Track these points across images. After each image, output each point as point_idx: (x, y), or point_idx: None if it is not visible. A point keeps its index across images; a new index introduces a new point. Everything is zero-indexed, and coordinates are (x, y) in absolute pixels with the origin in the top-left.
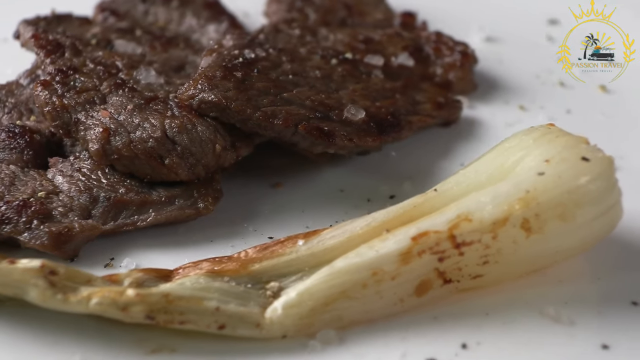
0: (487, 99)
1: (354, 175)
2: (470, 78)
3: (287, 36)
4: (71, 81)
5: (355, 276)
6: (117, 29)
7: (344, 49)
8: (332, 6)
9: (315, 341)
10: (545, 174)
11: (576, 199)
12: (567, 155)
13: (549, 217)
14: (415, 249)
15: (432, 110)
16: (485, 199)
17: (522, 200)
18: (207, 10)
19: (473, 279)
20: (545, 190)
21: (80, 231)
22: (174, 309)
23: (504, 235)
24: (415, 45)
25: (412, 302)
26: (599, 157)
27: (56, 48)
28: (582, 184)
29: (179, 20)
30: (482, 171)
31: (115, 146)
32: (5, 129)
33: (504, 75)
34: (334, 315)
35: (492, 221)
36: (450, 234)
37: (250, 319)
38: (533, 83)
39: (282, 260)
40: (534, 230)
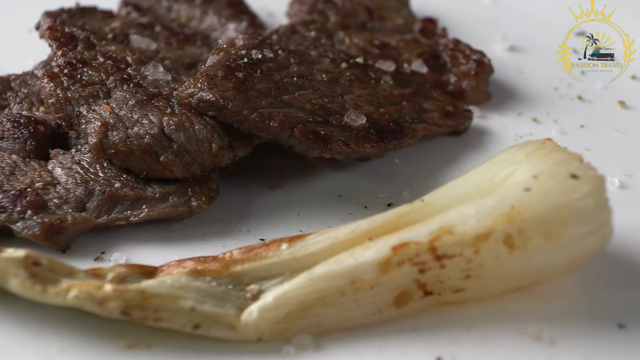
0: (500, 110)
1: (354, 181)
2: (484, 88)
3: (302, 38)
4: (78, 74)
5: (334, 283)
6: (137, 23)
7: (357, 53)
8: (353, 10)
9: (291, 346)
10: (532, 190)
11: (562, 217)
12: (557, 172)
13: (533, 234)
14: (395, 259)
15: (439, 119)
16: (469, 212)
17: (506, 215)
18: (230, 8)
19: (455, 292)
20: (531, 206)
21: (72, 223)
22: (149, 306)
23: (486, 250)
24: (432, 52)
25: (391, 313)
26: (589, 176)
27: (69, 41)
28: (569, 202)
29: (201, 18)
30: (471, 183)
31: (112, 141)
32: (11, 118)
33: (522, 86)
34: (311, 321)
35: (474, 235)
36: (431, 245)
37: (225, 320)
38: (550, 95)
39: (264, 263)
40: (517, 246)
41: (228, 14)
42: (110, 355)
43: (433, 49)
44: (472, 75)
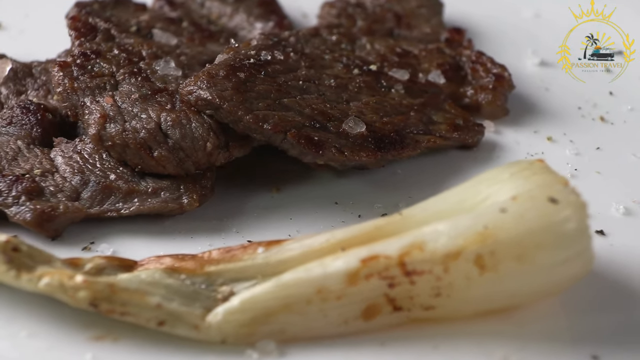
0: (516, 126)
1: (353, 189)
2: (500, 102)
3: (321, 41)
4: (89, 65)
5: (300, 291)
6: (165, 18)
7: (375, 59)
8: (382, 16)
9: (254, 351)
10: (507, 212)
11: (537, 242)
12: (536, 195)
13: (505, 256)
14: (363, 271)
15: (447, 132)
16: (442, 230)
17: (479, 235)
18: (260, 7)
19: (425, 309)
20: (505, 228)
21: (63, 212)
22: (117, 300)
23: (456, 270)
24: (452, 64)
25: (358, 325)
26: (569, 201)
27: (89, 31)
28: (545, 227)
29: (231, 15)
30: (452, 201)
31: (109, 133)
32: (22, 104)
33: (544, 104)
34: (276, 327)
35: (444, 253)
36: (401, 261)
37: (189, 319)
38: (572, 115)
39: (239, 265)
40: (489, 268)
41: (258, 13)
42: (78, 344)
43: (455, 60)
44: (489, 89)
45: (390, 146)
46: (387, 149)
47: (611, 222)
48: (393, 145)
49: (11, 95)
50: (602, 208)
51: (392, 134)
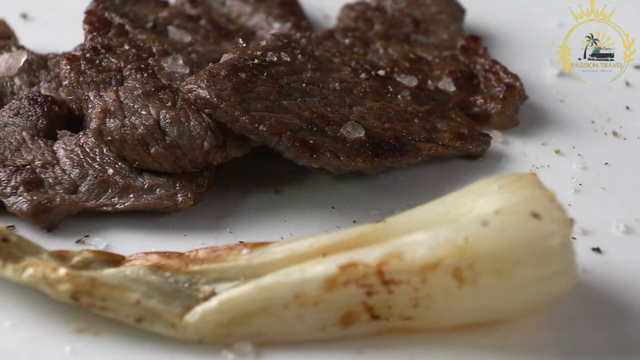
0: (525, 137)
1: (352, 194)
2: (510, 113)
3: (333, 44)
4: (98, 59)
5: (278, 295)
6: (184, 15)
7: (385, 64)
8: (400, 20)
9: (230, 352)
10: (489, 225)
11: (516, 257)
12: (520, 209)
13: (483, 270)
14: (341, 278)
15: (450, 141)
16: (421, 240)
17: (458, 248)
18: (280, 8)
19: (403, 319)
20: (485, 242)
21: (59, 204)
22: (97, 294)
23: (434, 281)
24: (465, 72)
25: (335, 332)
26: (553, 217)
27: (102, 26)
28: (525, 242)
29: (250, 15)
30: (438, 211)
31: (109, 127)
32: (30, 95)
33: (557, 116)
34: (253, 329)
35: (422, 264)
36: (379, 269)
37: (167, 317)
38: (584, 128)
39: (222, 265)
40: (467, 281)
41: (277, 13)
42: (59, 336)
43: (469, 69)
44: (499, 98)
45: (388, 153)
46: (384, 155)
47: (610, 240)
48: (391, 152)
49: (24, 86)
50: (602, 225)
51: (392, 141)
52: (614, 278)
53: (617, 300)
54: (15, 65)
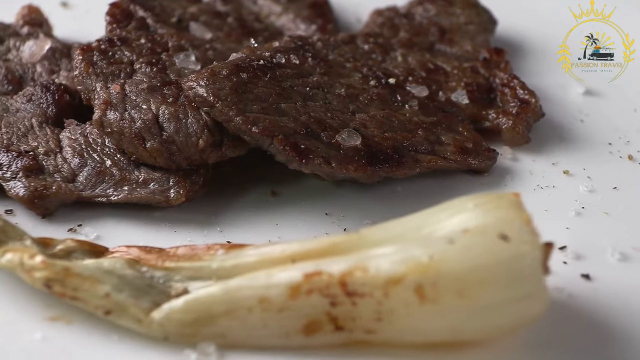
0: (536, 155)
1: (348, 202)
2: (521, 130)
3: (351, 49)
4: (112, 52)
5: (243, 299)
6: (212, 11)
7: (400, 73)
8: (426, 29)
9: (193, 351)
10: (455, 244)
11: (480, 279)
12: (489, 230)
13: (446, 290)
14: (305, 286)
15: (453, 155)
16: (387, 254)
17: (422, 265)
18: (310, 9)
19: (368, 333)
20: (449, 261)
21: (55, 192)
22: (69, 284)
23: (397, 297)
24: (482, 85)
25: (299, 340)
26: (524, 240)
27: (124, 19)
28: (490, 264)
29: (279, 15)
30: (412, 225)
31: (109, 120)
32: (44, 83)
33: (574, 135)
34: (218, 331)
35: (385, 278)
36: (342, 280)
37: (134, 312)
38: (599, 150)
39: (198, 265)
40: (429, 299)
41: (306, 14)
42: (33, 322)
43: (488, 82)
44: (512, 114)
45: (383, 162)
46: (379, 165)
47: (603, 267)
48: (387, 162)
49: (44, 73)
50: (598, 251)
51: (389, 151)
52: (598, 306)
53: (598, 329)
54: (38, 52)
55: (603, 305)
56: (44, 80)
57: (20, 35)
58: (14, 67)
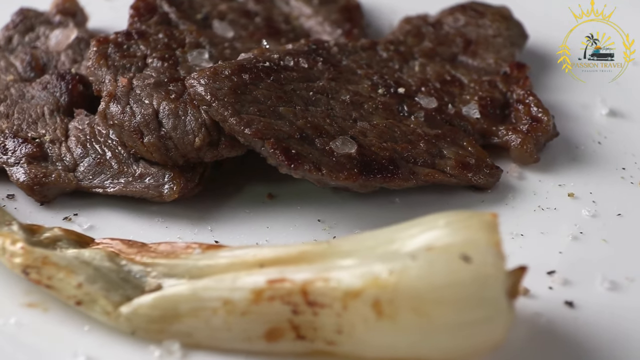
0: (544, 175)
1: (343, 210)
2: (530, 148)
3: (368, 56)
4: (127, 45)
5: (208, 299)
6: (242, 10)
7: (414, 82)
8: (451, 39)
9: (158, 348)
10: (416, 261)
11: (437, 298)
12: (452, 250)
13: (403, 306)
14: (267, 292)
15: (452, 169)
16: (350, 267)
17: (380, 280)
18: (339, 13)
19: (328, 344)
20: (408, 277)
21: (54, 180)
22: (45, 272)
23: (355, 310)
24: (496, 99)
25: (261, 345)
26: (486, 262)
27: (147, 12)
28: (447, 284)
29: (309, 17)
30: (381, 239)
31: (111, 112)
32: (61, 72)
33: (587, 157)
34: (183, 330)
35: (344, 290)
36: (304, 289)
37: (103, 304)
38: (610, 174)
39: (173, 262)
40: (386, 315)
41: (334, 18)
42: (10, 307)
43: (504, 97)
44: (521, 132)
45: (376, 172)
46: (372, 174)
47: (590, 295)
48: (380, 172)
49: (67, 62)
50: (588, 278)
51: (384, 161)
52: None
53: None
54: (64, 41)
55: (582, 335)
56: (61, 69)
57: (51, 23)
58: (39, 55)
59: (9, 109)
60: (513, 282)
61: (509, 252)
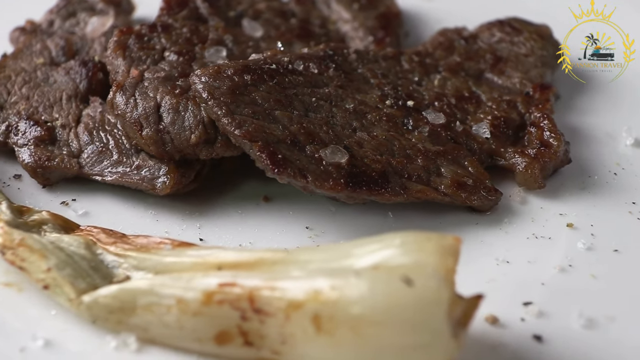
0: (547, 202)
1: (334, 219)
2: (535, 173)
3: (389, 65)
4: (148, 37)
5: (164, 296)
6: (279, 10)
7: (428, 96)
8: (481, 55)
9: (114, 338)
10: (359, 279)
11: (374, 319)
12: (397, 271)
13: (341, 324)
14: (217, 295)
15: (447, 188)
16: (297, 278)
17: (322, 294)
18: (376, 20)
19: (273, 353)
20: (348, 295)
21: (57, 165)
22: (20, 254)
23: (296, 322)
24: (511, 120)
25: (210, 348)
26: (429, 288)
27: (178, 6)
28: (387, 306)
29: (346, 22)
30: (339, 252)
31: (116, 102)
32: (84, 59)
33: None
34: (140, 324)
35: (287, 301)
36: (251, 296)
37: (67, 291)
38: (619, 208)
39: (143, 255)
40: (324, 330)
41: (370, 24)
42: None
43: (522, 118)
44: (529, 156)
45: (363, 184)
46: (358, 186)
47: (561, 331)
48: (368, 185)
49: (99, 50)
50: (564, 313)
51: (374, 174)
52: None
53: None
54: (99, 28)
55: None
56: (86, 56)
57: (93, 10)
58: (74, 40)
59: (31, 91)
60: (465, 311)
61: (489, 278)
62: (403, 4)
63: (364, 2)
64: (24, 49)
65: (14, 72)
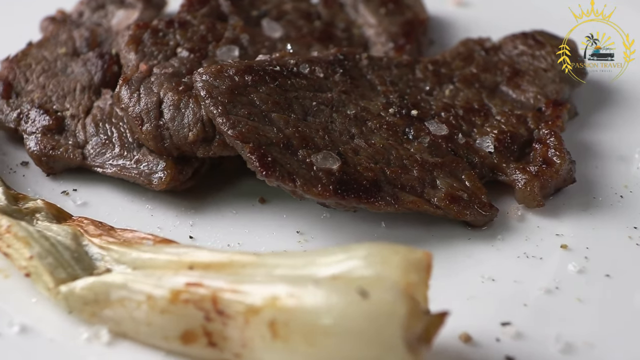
0: (545, 221)
1: (327, 225)
2: (534, 191)
3: (400, 73)
4: (163, 33)
5: (135, 291)
6: (304, 11)
7: (436, 107)
8: (499, 67)
9: (87, 330)
10: (318, 288)
11: (327, 329)
12: (354, 283)
13: (295, 331)
14: (183, 294)
15: (440, 201)
16: (259, 282)
17: (279, 301)
18: (400, 27)
19: (235, 356)
20: (304, 303)
21: (61, 155)
22: (6, 240)
23: (255, 326)
24: (518, 135)
25: (176, 346)
26: (385, 302)
27: (199, 3)
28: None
29: (371, 27)
30: (306, 259)
31: (122, 96)
32: (102, 51)
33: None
34: (113, 317)
35: (247, 306)
36: (214, 297)
37: (46, 280)
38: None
39: (125, 250)
40: (280, 336)
41: (393, 31)
42: None
43: (531, 134)
44: (529, 173)
45: (352, 192)
46: (346, 193)
47: (536, 354)
48: (357, 193)
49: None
50: (542, 336)
51: (366, 182)
52: None
53: None
54: (124, 21)
55: None
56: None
57: (122, 3)
58: (99, 32)
59: (47, 80)
60: (428, 327)
61: (471, 295)
62: (433, 10)
63: (392, 8)
64: (50, 38)
65: (35, 61)
